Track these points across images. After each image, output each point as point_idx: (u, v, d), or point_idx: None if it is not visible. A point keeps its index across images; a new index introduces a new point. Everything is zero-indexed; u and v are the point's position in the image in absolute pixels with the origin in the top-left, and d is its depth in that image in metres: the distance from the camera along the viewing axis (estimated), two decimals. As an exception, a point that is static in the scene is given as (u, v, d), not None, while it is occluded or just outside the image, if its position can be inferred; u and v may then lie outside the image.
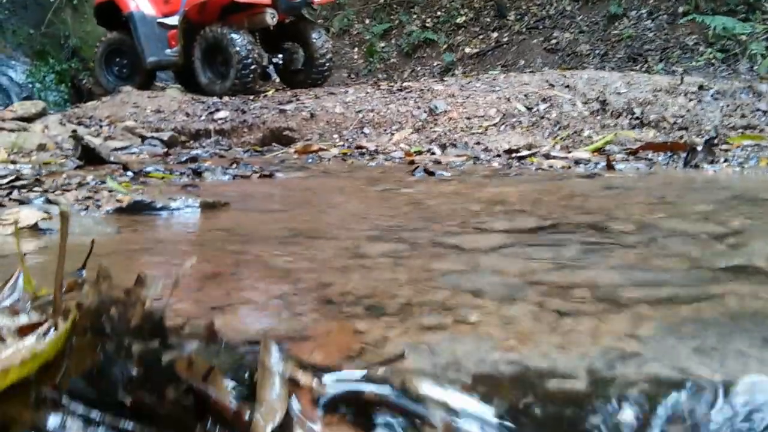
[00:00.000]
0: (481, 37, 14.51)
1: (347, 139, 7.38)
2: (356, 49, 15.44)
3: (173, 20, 10.17)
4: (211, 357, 0.90)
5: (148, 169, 4.52)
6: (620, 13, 13.43)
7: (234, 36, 9.36)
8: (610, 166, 4.70)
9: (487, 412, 0.87)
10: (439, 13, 15.32)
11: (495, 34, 14.38)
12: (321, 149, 6.26)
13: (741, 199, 2.83)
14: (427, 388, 0.88)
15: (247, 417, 0.85)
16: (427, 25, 15.15)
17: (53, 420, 0.83)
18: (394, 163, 5.47)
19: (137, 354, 0.88)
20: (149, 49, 10.27)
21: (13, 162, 5.22)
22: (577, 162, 5.08)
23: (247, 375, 0.91)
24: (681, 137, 6.64)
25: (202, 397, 0.87)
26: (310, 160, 5.74)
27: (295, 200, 3.30)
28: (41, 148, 6.28)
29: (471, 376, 0.93)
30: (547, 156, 5.40)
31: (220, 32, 9.46)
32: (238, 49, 9.32)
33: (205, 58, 9.73)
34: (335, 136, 7.60)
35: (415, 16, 15.49)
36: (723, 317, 1.12)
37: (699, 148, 4.87)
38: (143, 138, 7.25)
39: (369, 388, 0.90)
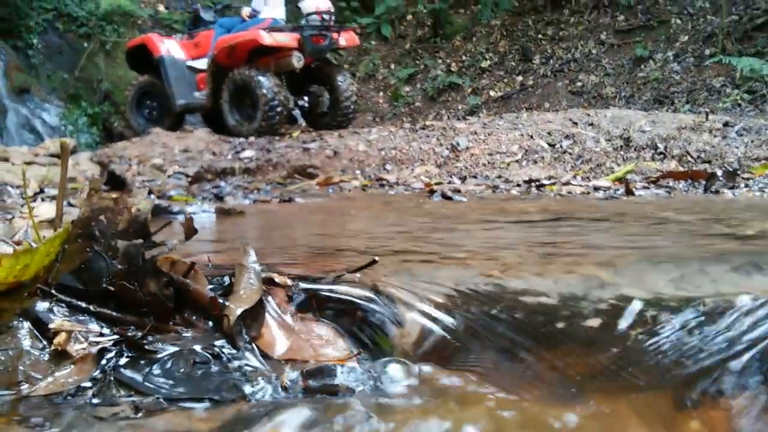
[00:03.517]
0: (505, 80, 14.62)
1: (369, 176, 7.43)
2: (381, 93, 15.60)
3: (202, 64, 10.37)
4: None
5: (171, 193, 4.60)
6: (646, 56, 13.46)
7: (261, 78, 9.52)
8: (629, 192, 4.69)
9: (457, 315, 0.88)
10: (464, 57, 15.47)
11: (520, 78, 14.48)
12: (342, 181, 6.32)
13: (752, 208, 2.83)
14: (397, 292, 0.90)
15: (221, 303, 0.88)
16: (452, 69, 15.30)
17: (41, 306, 0.87)
18: (414, 193, 5.51)
19: (122, 250, 0.92)
20: (179, 92, 10.47)
21: (42, 191, 5.33)
22: (597, 189, 5.08)
23: (227, 281, 0.95)
24: (704, 170, 6.60)
25: (182, 289, 0.90)
26: (330, 191, 5.81)
27: (312, 212, 3.35)
28: (71, 181, 6.41)
29: (447, 289, 0.95)
30: (566, 184, 5.41)
31: (248, 75, 9.63)
32: (265, 91, 9.47)
33: (232, 100, 9.90)
34: (357, 172, 7.65)
35: (440, 61, 15.65)
36: (701, 255, 1.13)
37: (719, 173, 4.86)
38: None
39: (340, 289, 0.92)
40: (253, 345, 0.88)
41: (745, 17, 12.86)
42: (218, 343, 0.87)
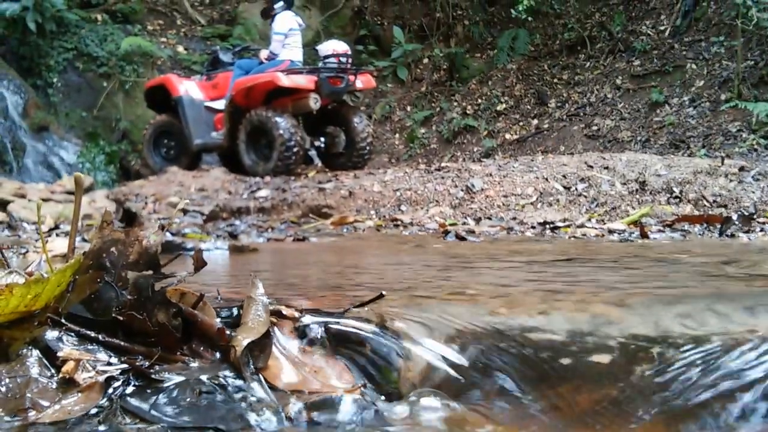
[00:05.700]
0: (521, 123, 14.67)
1: (383, 216, 7.44)
2: (397, 135, 15.69)
3: (220, 104, 10.50)
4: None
5: (186, 230, 4.63)
6: (662, 101, 13.47)
7: (278, 119, 9.61)
8: (644, 235, 4.67)
9: (464, 350, 0.88)
10: (479, 100, 15.56)
11: (535, 121, 14.53)
12: (356, 221, 6.34)
13: (767, 252, 2.81)
14: (405, 327, 0.91)
15: (228, 334, 0.88)
16: (468, 112, 15.38)
17: (50, 334, 0.88)
18: (428, 233, 5.51)
19: (132, 281, 0.93)
20: (196, 132, 10.57)
21: (57, 227, 5.37)
22: (611, 231, 5.07)
23: (235, 313, 0.95)
24: (720, 214, 6.57)
25: (190, 320, 0.91)
26: (345, 230, 5.82)
27: (325, 250, 3.36)
28: (86, 217, 6.46)
29: (456, 325, 0.95)
30: (581, 226, 5.40)
31: (265, 116, 9.73)
32: (281, 131, 9.55)
33: (249, 141, 9.99)
34: (372, 212, 7.67)
35: (456, 104, 15.75)
36: (711, 295, 1.12)
37: (735, 217, 4.84)
38: (185, 211, 7.41)
39: (348, 322, 0.93)
40: (260, 376, 0.89)
41: (761, 62, 12.90)
42: (225, 373, 0.88)
